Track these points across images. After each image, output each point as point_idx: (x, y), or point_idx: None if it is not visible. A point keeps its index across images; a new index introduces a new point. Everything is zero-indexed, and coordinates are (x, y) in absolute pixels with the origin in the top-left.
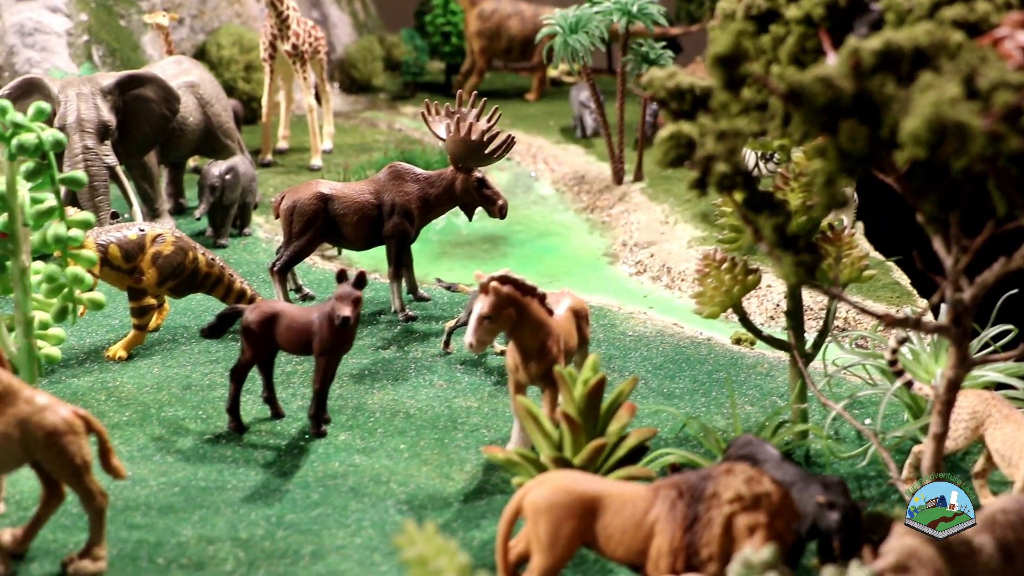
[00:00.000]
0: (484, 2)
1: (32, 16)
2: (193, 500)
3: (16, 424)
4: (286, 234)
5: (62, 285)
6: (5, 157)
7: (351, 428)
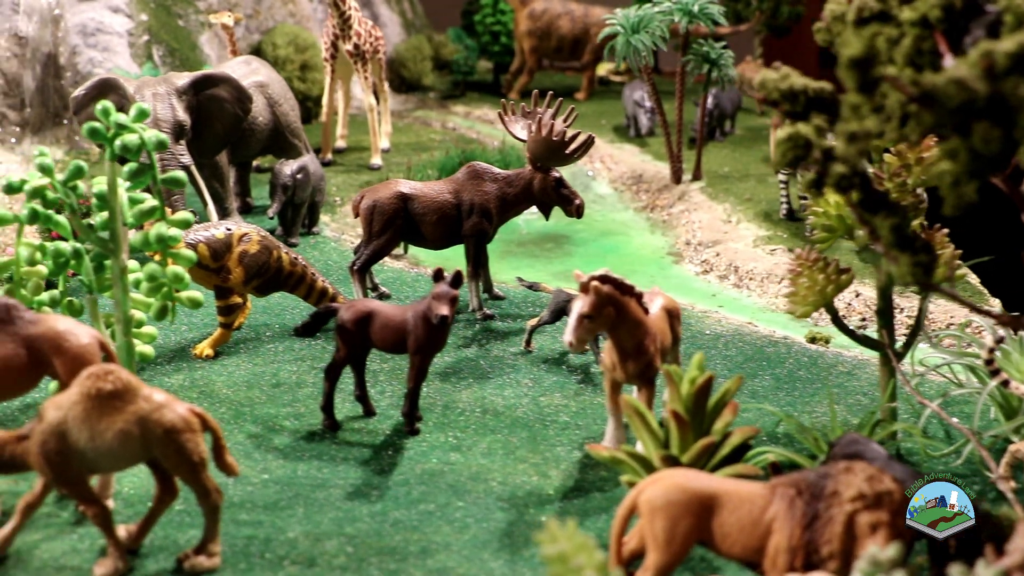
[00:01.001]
0: (535, 2)
1: (94, 16)
2: (297, 497)
3: (136, 421)
4: (366, 233)
5: (162, 284)
6: (107, 158)
7: (443, 426)
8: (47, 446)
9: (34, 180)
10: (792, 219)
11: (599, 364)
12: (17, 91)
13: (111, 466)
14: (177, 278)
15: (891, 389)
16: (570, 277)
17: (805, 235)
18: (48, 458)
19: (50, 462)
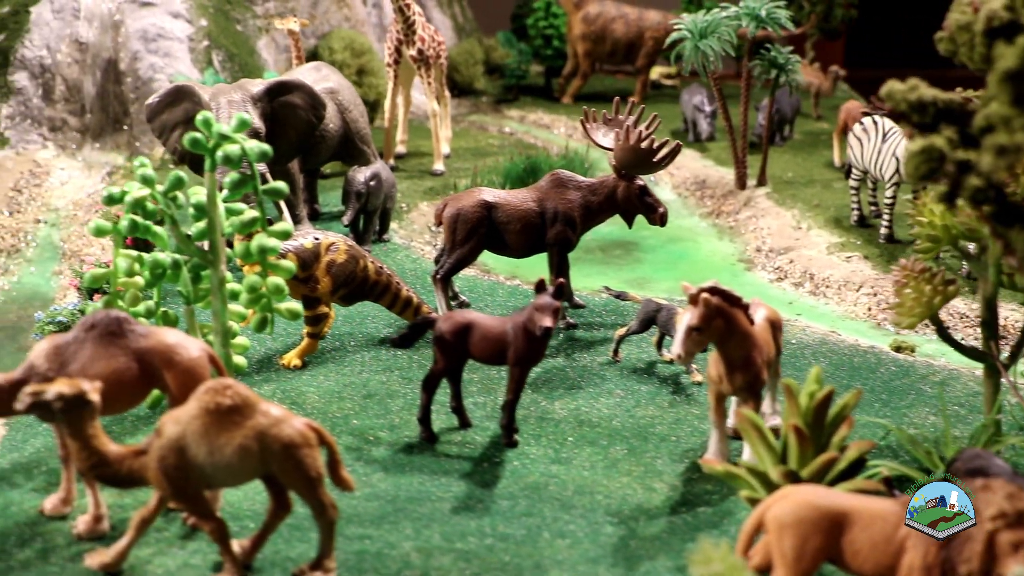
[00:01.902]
0: (589, 5)
1: (155, 22)
2: (402, 511)
3: (255, 436)
4: (449, 242)
5: (262, 295)
6: (207, 168)
7: (540, 438)
8: (166, 461)
9: (134, 191)
10: (863, 225)
11: (690, 376)
12: (77, 97)
13: (229, 481)
14: (277, 289)
15: (994, 401)
16: (642, 284)
17: (879, 242)
18: (167, 473)
19: (169, 477)
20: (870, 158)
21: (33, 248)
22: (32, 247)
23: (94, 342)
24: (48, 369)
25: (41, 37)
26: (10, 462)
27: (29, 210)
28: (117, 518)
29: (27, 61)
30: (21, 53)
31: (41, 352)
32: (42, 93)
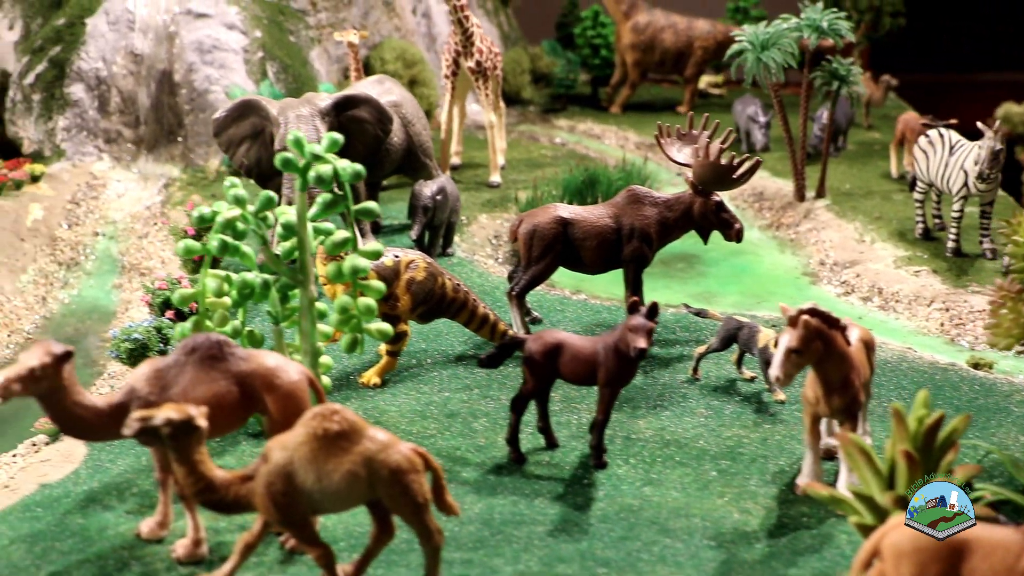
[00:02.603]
0: (638, 15)
1: (210, 33)
2: (499, 534)
3: (362, 462)
4: (525, 258)
5: (353, 316)
6: (298, 188)
7: (627, 458)
8: (274, 487)
9: (226, 211)
10: (928, 239)
11: (773, 395)
12: (132, 109)
13: (336, 507)
14: (368, 310)
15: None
16: (708, 298)
17: (945, 255)
18: (274, 499)
19: (276, 503)
20: (936, 171)
21: (92, 261)
22: (91, 260)
23: (195, 366)
24: (149, 393)
25: (97, 49)
26: (99, 483)
27: (87, 223)
28: (212, 542)
29: (83, 73)
30: (77, 65)
31: (142, 376)
32: (98, 105)
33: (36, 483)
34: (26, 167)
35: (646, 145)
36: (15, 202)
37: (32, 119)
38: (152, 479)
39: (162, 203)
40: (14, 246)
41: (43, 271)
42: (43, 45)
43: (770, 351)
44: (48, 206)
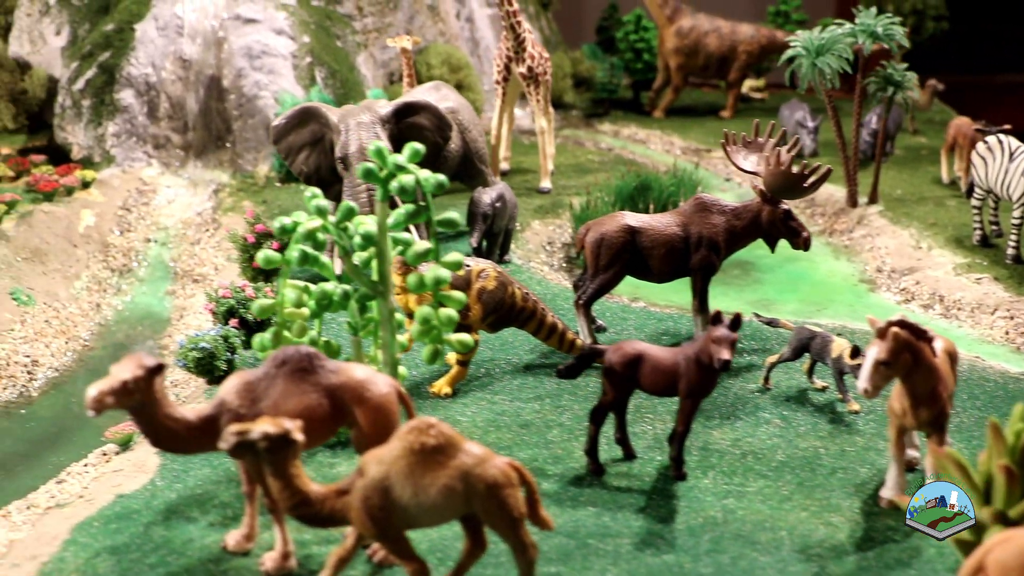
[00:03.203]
0: (682, 19)
1: (259, 39)
2: (585, 547)
3: (459, 476)
4: (592, 267)
5: (434, 327)
6: (379, 198)
7: (706, 469)
8: (370, 501)
9: (307, 222)
10: (986, 245)
11: (846, 405)
12: (181, 114)
13: (432, 521)
14: (450, 321)
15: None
16: (767, 305)
17: (1005, 262)
18: (371, 513)
19: (373, 518)
20: (996, 178)
21: (144, 267)
22: (143, 266)
23: (286, 378)
24: (240, 406)
25: (146, 54)
26: (178, 494)
27: (139, 229)
28: (300, 555)
29: (133, 79)
30: (127, 71)
31: (231, 388)
32: (147, 111)
33: (112, 493)
34: (77, 173)
35: (691, 150)
36: (67, 208)
37: (82, 125)
38: (232, 491)
39: (213, 209)
40: (67, 252)
41: (96, 277)
42: (92, 51)
43: (844, 361)
44: (100, 212)
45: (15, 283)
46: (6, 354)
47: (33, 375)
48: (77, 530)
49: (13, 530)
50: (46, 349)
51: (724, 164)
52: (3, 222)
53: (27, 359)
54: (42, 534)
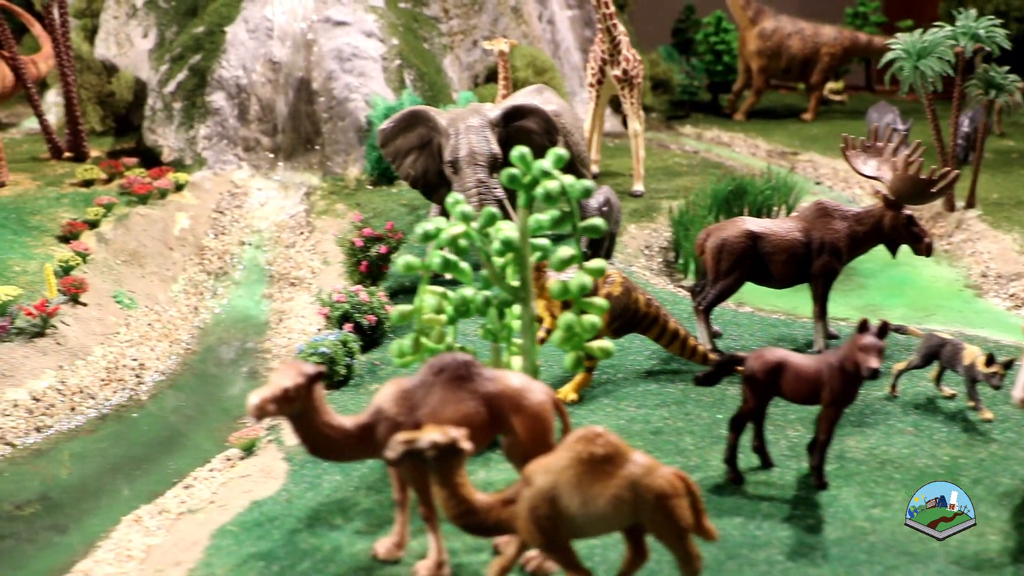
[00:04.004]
0: (765, 21)
1: (349, 41)
2: (737, 557)
3: (628, 486)
4: (713, 272)
5: (577, 334)
6: (521, 204)
7: (847, 478)
8: (538, 511)
9: (450, 228)
10: None
11: (979, 413)
12: (270, 117)
13: (598, 531)
14: (592, 328)
15: None
16: (873, 311)
17: None
18: (538, 523)
19: (540, 527)
20: None
21: (240, 271)
22: (239, 270)
23: (443, 386)
24: (397, 414)
25: (237, 57)
26: (316, 501)
27: (233, 232)
28: (452, 563)
29: (224, 81)
30: (218, 73)
31: (389, 396)
32: (237, 113)
33: (245, 500)
34: (169, 176)
35: (777, 153)
36: (162, 211)
37: (173, 127)
38: (373, 498)
39: (306, 212)
40: (164, 255)
41: (192, 280)
42: (183, 53)
43: (977, 369)
44: (194, 215)
45: (117, 286)
46: (114, 357)
47: (141, 379)
48: (217, 536)
49: (148, 535)
50: (151, 352)
51: (813, 167)
52: (101, 225)
53: (134, 363)
54: (180, 540)
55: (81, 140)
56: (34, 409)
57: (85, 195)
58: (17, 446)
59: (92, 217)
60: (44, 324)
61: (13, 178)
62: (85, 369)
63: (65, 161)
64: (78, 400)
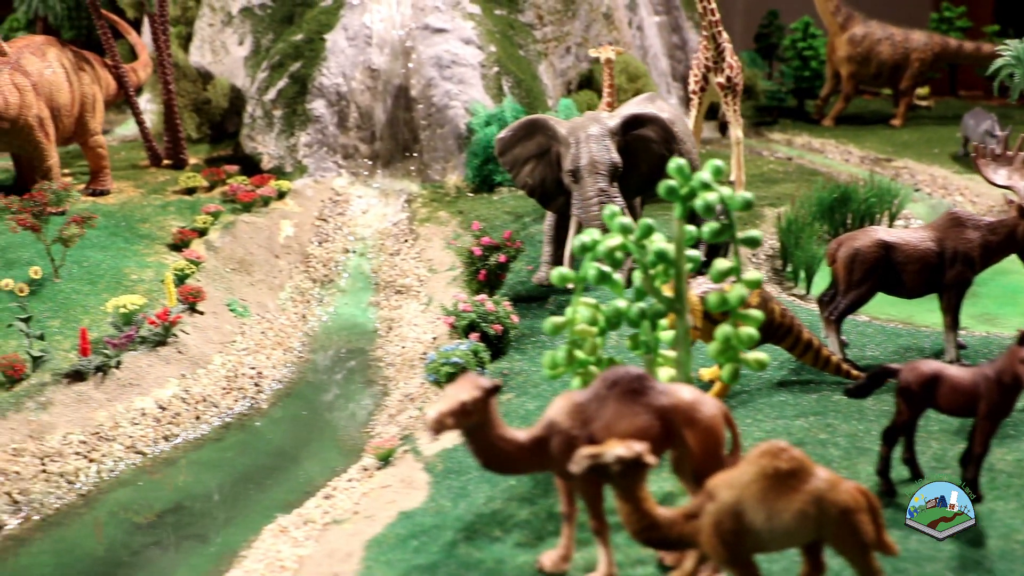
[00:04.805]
0: (855, 26)
1: (449, 48)
2: (902, 572)
3: (812, 501)
4: (844, 282)
5: (733, 346)
6: (677, 216)
7: (1000, 491)
8: (722, 526)
9: (608, 240)
10: None
11: None
12: (369, 124)
13: (780, 546)
14: (750, 340)
15: None
16: (989, 320)
17: None
18: (723, 538)
19: (725, 542)
20: None
21: (345, 278)
22: (343, 277)
23: (617, 400)
24: (571, 427)
25: (337, 64)
26: (469, 512)
27: (336, 239)
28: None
29: (324, 89)
30: (319, 81)
31: (561, 409)
32: (337, 120)
33: (392, 510)
34: (272, 183)
35: (870, 159)
36: (267, 219)
37: (273, 135)
38: (528, 509)
39: (408, 220)
40: (270, 263)
41: (299, 288)
42: (282, 61)
43: None
44: (297, 223)
45: (228, 294)
46: (233, 366)
47: (260, 387)
48: (371, 547)
49: (296, 546)
50: (267, 361)
51: (910, 174)
52: (209, 233)
53: (252, 371)
54: (332, 551)
55: (181, 147)
56: (161, 418)
57: (189, 203)
58: (147, 455)
59: (201, 225)
60: (166, 333)
61: (116, 186)
62: (206, 378)
63: (164, 168)
64: (202, 409)
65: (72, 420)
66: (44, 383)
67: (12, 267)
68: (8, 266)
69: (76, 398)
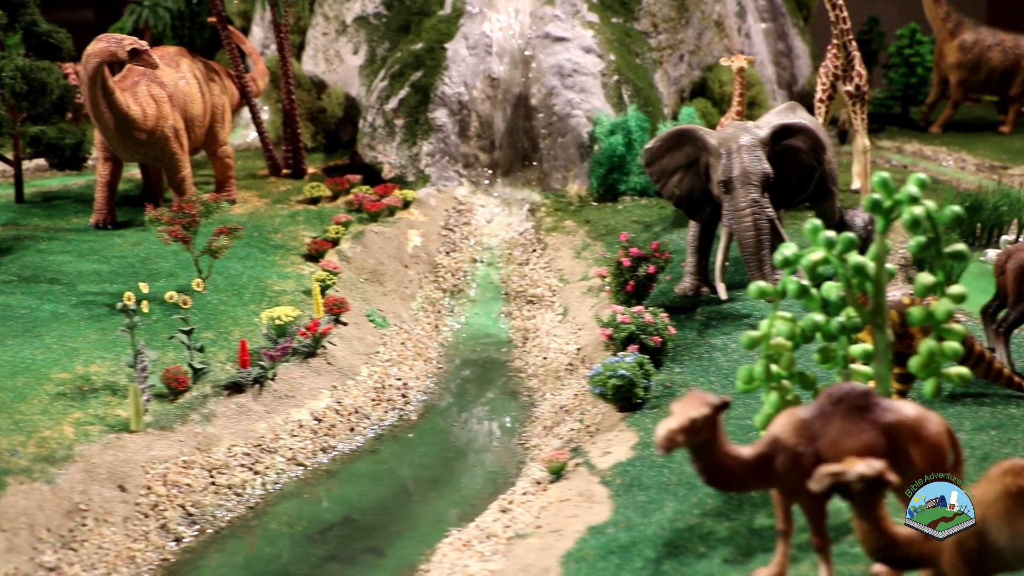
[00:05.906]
0: (964, 33)
1: (570, 57)
2: None
3: None
4: (1015, 294)
5: (936, 361)
6: (879, 230)
7: None
8: (966, 546)
9: (810, 254)
10: None
11: None
12: (489, 133)
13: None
14: (954, 354)
15: None
16: None
17: None
18: (966, 558)
19: (968, 562)
20: None
21: (475, 288)
22: (473, 287)
23: (843, 416)
24: (797, 444)
25: (459, 73)
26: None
27: (464, 249)
28: None
29: (446, 98)
30: (441, 90)
31: (786, 426)
32: (458, 129)
33: (579, 524)
34: (396, 192)
35: (985, 167)
36: (395, 229)
37: (394, 144)
38: (727, 524)
39: (534, 229)
40: (401, 273)
41: (429, 298)
42: (402, 70)
43: None
44: (424, 232)
45: (365, 304)
46: (379, 377)
47: (407, 398)
48: (567, 562)
49: (483, 560)
50: (410, 371)
51: None
52: (341, 243)
53: (398, 382)
54: (525, 566)
55: (301, 157)
56: (317, 430)
57: (315, 212)
58: (307, 467)
59: (333, 235)
60: (316, 344)
61: (240, 196)
62: (356, 389)
63: (283, 178)
64: (355, 420)
65: (235, 432)
66: (206, 395)
67: (157, 278)
68: (153, 277)
69: (237, 410)
